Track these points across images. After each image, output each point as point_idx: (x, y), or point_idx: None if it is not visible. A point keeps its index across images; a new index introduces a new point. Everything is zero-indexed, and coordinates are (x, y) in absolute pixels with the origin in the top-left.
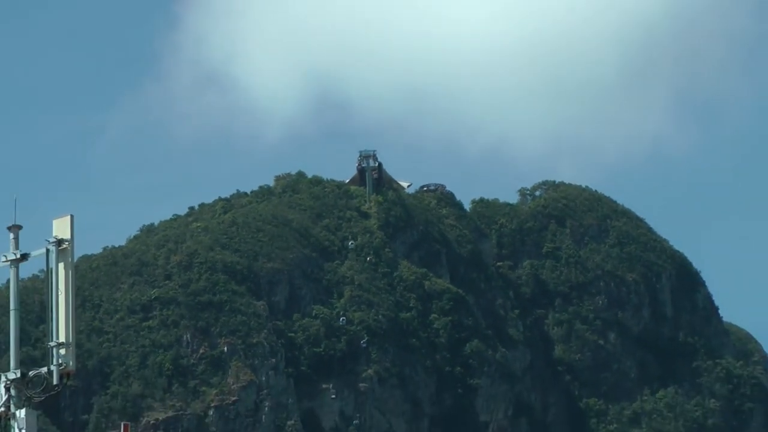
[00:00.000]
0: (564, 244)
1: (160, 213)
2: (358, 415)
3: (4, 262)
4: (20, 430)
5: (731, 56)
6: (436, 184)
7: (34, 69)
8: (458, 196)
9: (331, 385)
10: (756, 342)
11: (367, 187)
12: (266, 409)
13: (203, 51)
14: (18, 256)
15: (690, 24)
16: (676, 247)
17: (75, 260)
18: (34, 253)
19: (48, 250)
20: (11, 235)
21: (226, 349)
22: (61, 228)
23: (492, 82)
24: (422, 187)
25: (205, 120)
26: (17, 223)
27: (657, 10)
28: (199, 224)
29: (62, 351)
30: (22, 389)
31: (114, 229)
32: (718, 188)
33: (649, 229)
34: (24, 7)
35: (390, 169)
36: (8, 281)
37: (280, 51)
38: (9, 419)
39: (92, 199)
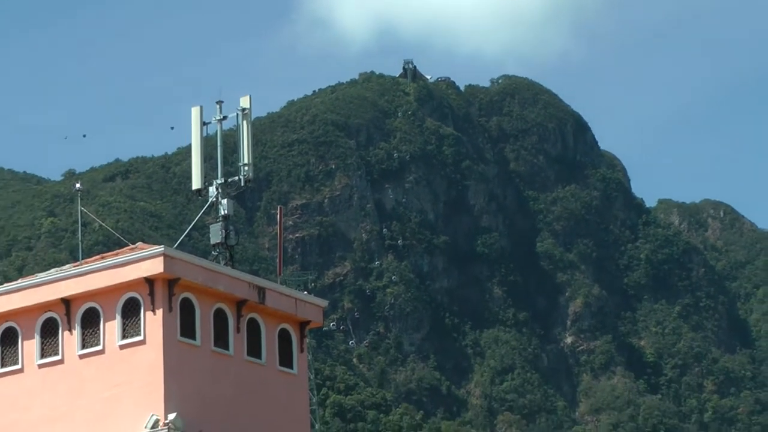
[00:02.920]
0: (514, 108)
1: (296, 94)
2: (404, 200)
3: (215, 120)
4: (224, 210)
5: (607, 3)
6: (445, 77)
7: (219, 15)
8: (457, 83)
9: (390, 186)
10: (618, 159)
11: (408, 79)
12: (355, 198)
13: (315, 4)
14: (222, 117)
15: None
16: (575, 108)
17: (252, 119)
18: (230, 116)
19: (238, 114)
20: (218, 107)
21: (333, 166)
22: (244, 102)
23: (473, 13)
24: (438, 78)
25: (317, 45)
26: (221, 99)
27: None
28: (318, 99)
29: (245, 168)
30: (225, 188)
31: (272, 102)
32: (595, 77)
33: (560, 99)
34: None
35: (420, 68)
36: (217, 132)
37: (357, 2)
38: (218, 204)
39: (262, 86)
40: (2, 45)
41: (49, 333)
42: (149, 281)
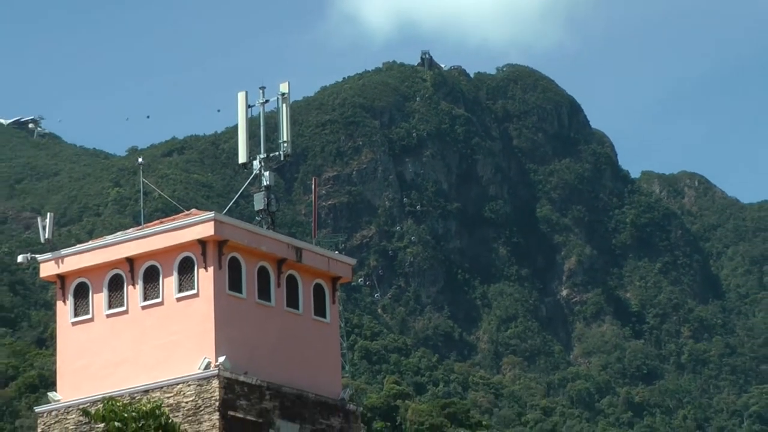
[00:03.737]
0: (517, 92)
1: (328, 81)
2: (422, 172)
3: (258, 103)
4: (266, 181)
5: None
6: (457, 65)
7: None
8: (467, 71)
9: (410, 160)
10: (607, 136)
11: (425, 67)
12: (380, 169)
13: (344, 2)
14: (264, 101)
15: None
16: (569, 92)
17: (290, 102)
18: (272, 99)
19: (278, 98)
20: (261, 92)
21: (360, 142)
22: (284, 87)
23: (479, 10)
24: (451, 66)
25: (346, 38)
26: (264, 85)
27: None
28: (347, 85)
29: (284, 144)
30: (266, 162)
31: (307, 88)
32: (587, 66)
33: (557, 85)
34: None
35: (436, 58)
36: (260, 114)
37: (380, 1)
38: (261, 176)
39: (301, 74)
40: (76, 41)
41: (115, 287)
42: (202, 242)
